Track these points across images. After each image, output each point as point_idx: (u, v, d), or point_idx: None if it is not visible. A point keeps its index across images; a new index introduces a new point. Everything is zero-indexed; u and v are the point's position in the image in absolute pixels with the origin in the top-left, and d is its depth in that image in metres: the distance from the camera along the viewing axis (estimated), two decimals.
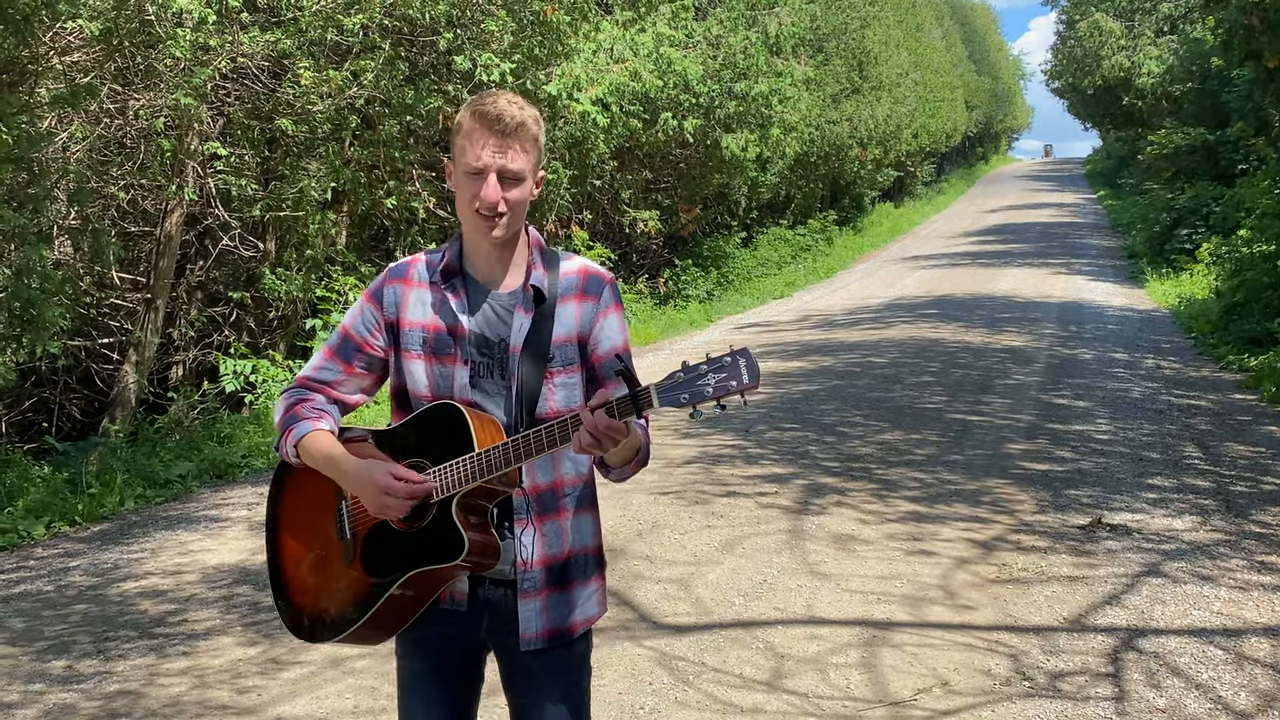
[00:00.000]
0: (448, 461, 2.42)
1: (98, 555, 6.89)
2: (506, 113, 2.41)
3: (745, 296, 22.54)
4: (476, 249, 2.54)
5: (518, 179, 2.44)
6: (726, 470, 8.50)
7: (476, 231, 2.48)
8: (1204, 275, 19.63)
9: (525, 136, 2.44)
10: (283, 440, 2.56)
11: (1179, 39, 29.66)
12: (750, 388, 2.27)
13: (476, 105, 2.44)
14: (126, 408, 11.33)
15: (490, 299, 2.53)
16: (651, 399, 2.29)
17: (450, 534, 2.39)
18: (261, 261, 12.98)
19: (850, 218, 35.46)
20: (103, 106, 10.26)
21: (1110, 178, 50.34)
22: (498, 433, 2.44)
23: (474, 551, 2.39)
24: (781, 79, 20.63)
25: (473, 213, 2.44)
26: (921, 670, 4.86)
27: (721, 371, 2.27)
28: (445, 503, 2.41)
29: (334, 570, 2.56)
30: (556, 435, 2.33)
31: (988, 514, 7.23)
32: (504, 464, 2.37)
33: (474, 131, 2.42)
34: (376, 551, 2.49)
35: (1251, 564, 6.22)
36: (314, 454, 2.52)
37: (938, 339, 15.46)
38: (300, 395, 2.61)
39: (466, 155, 2.43)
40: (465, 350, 2.51)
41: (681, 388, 2.28)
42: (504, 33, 12.61)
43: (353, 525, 2.53)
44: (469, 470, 2.38)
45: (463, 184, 2.45)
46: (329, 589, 2.57)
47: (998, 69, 74.52)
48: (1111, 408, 10.70)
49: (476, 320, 2.52)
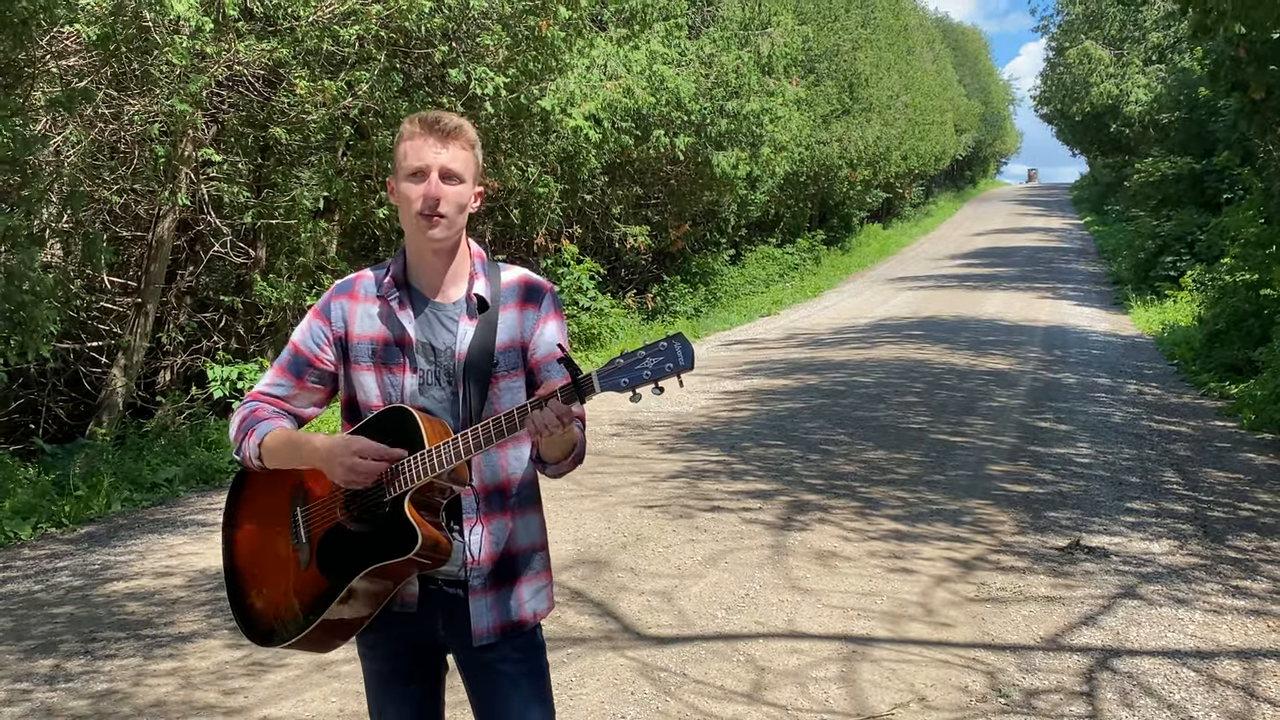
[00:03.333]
0: (400, 461, 2.49)
1: (85, 557, 6.93)
2: (445, 117, 2.55)
3: (732, 314, 22.65)
4: (421, 261, 2.63)
5: (458, 178, 2.55)
6: (711, 485, 8.57)
7: (419, 235, 2.56)
8: (1188, 302, 19.81)
9: (463, 139, 2.55)
10: (244, 443, 2.63)
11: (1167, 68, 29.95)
12: (685, 369, 2.37)
13: (415, 115, 2.57)
14: (114, 411, 11.35)
15: (435, 309, 2.63)
16: (594, 384, 2.39)
17: (404, 529, 2.46)
18: (252, 268, 13.03)
19: (838, 238, 35.65)
20: (98, 111, 10.32)
21: (1097, 204, 50.68)
22: (446, 434, 2.52)
23: (427, 545, 2.46)
24: (773, 99, 20.81)
25: (415, 216, 2.54)
26: (899, 685, 4.93)
27: (658, 355, 2.38)
28: (398, 500, 2.49)
29: (290, 574, 2.63)
30: (504, 427, 2.42)
31: (968, 534, 7.32)
32: (454, 458, 2.45)
33: (414, 135, 2.54)
34: (332, 553, 2.56)
35: (1226, 588, 6.31)
36: (278, 447, 2.59)
37: (923, 360, 15.57)
38: (254, 406, 2.68)
39: (408, 159, 2.54)
40: (413, 359, 2.60)
41: (621, 373, 2.39)
42: (499, 47, 12.70)
43: (308, 529, 2.61)
44: (422, 466, 2.46)
45: (405, 190, 2.55)
46: (285, 593, 2.63)
47: (988, 93, 74.97)
48: (1093, 432, 10.81)
49: (423, 330, 2.61)
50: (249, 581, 2.71)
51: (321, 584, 2.57)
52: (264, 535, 2.70)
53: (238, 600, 2.72)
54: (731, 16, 21.10)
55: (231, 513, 2.78)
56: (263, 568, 2.68)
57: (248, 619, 2.70)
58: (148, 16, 9.48)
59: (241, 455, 2.65)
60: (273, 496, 2.68)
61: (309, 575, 2.59)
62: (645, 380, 2.38)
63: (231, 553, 2.76)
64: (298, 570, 2.61)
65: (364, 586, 2.55)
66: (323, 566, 2.57)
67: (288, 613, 2.62)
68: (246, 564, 2.72)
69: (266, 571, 2.68)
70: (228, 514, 2.78)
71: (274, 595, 2.66)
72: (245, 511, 2.75)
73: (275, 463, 2.61)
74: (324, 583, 2.56)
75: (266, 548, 2.68)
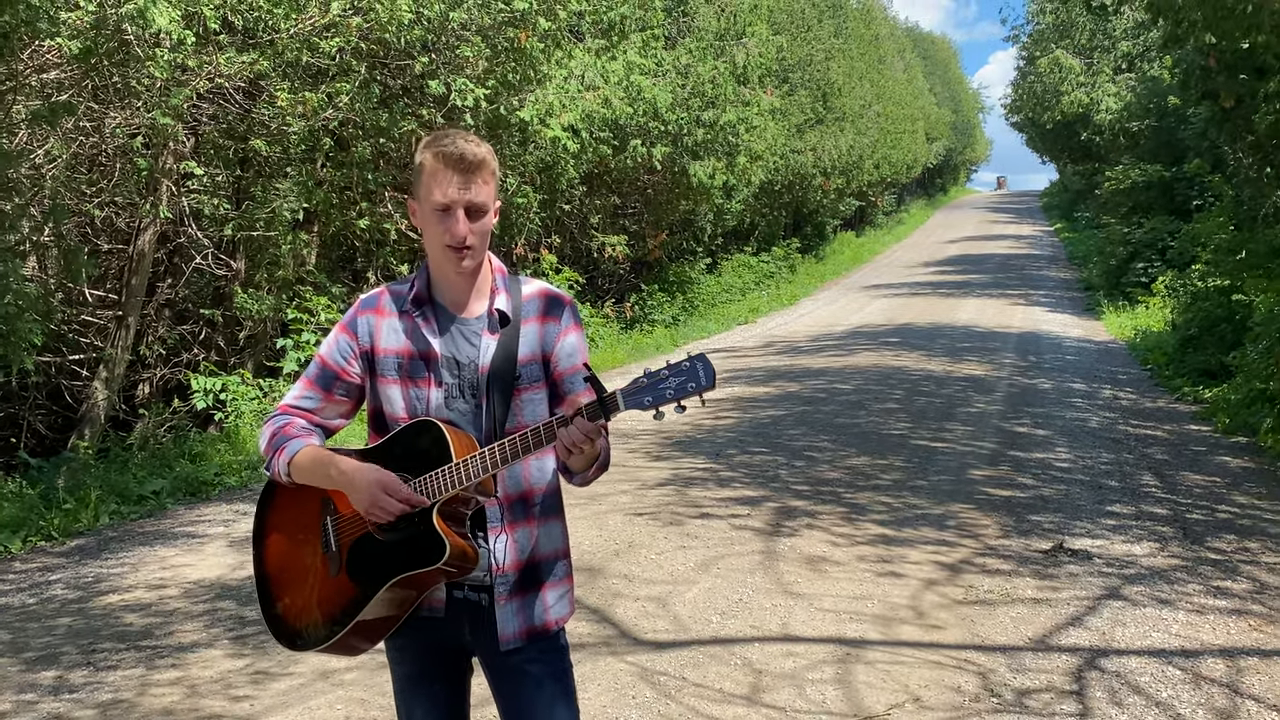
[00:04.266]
0: (428, 473, 2.58)
1: (78, 570, 6.95)
2: (468, 151, 2.59)
3: (710, 322, 22.77)
4: (444, 279, 2.71)
5: (482, 211, 2.62)
6: (699, 492, 8.65)
7: (447, 264, 2.65)
8: (1160, 308, 20.05)
9: (486, 170, 2.62)
10: (274, 460, 2.71)
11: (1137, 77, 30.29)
12: (707, 389, 2.47)
13: (437, 147, 2.61)
14: (95, 424, 11.33)
15: (459, 324, 2.71)
16: (618, 403, 2.47)
17: (433, 540, 2.55)
18: (232, 280, 13.03)
19: (813, 246, 35.87)
20: (79, 124, 10.32)
21: (1067, 210, 51.14)
22: (473, 446, 2.60)
23: (454, 555, 2.55)
24: (748, 108, 20.96)
25: (443, 248, 2.62)
26: (894, 686, 5.03)
27: (680, 375, 2.47)
28: (426, 512, 2.57)
29: (320, 581, 2.71)
30: (530, 442, 2.51)
31: (954, 538, 7.43)
32: (481, 471, 2.53)
33: (438, 171, 2.59)
34: (361, 561, 2.65)
35: (1208, 588, 6.44)
36: (308, 465, 2.67)
37: (900, 366, 15.72)
38: (285, 421, 2.77)
39: (434, 195, 2.59)
40: (438, 373, 2.68)
41: (644, 391, 2.48)
42: (479, 59, 12.76)
43: (338, 538, 2.69)
44: (450, 479, 2.55)
45: (431, 220, 2.61)
46: (316, 599, 2.71)
47: (958, 101, 75.55)
48: (1071, 436, 10.96)
49: (447, 344, 2.70)
50: (278, 588, 2.78)
51: (351, 591, 2.64)
52: (294, 544, 2.77)
53: (268, 606, 2.80)
54: (707, 27, 21.23)
55: (261, 522, 2.85)
56: (292, 575, 2.76)
57: (277, 624, 2.78)
58: (129, 30, 9.49)
59: (271, 471, 2.73)
60: (302, 507, 2.76)
61: (339, 583, 2.67)
62: (669, 399, 2.47)
63: (262, 560, 2.83)
64: (327, 578, 2.69)
65: (392, 594, 2.62)
66: (352, 574, 2.65)
67: (317, 618, 2.70)
68: (276, 571, 2.80)
69: (296, 578, 2.75)
70: (258, 523, 2.85)
71: (303, 601, 2.73)
72: (275, 520, 2.82)
73: (304, 480, 2.69)
74: (353, 590, 2.64)
75: (296, 556, 2.76)
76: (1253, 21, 10.37)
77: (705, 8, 21.69)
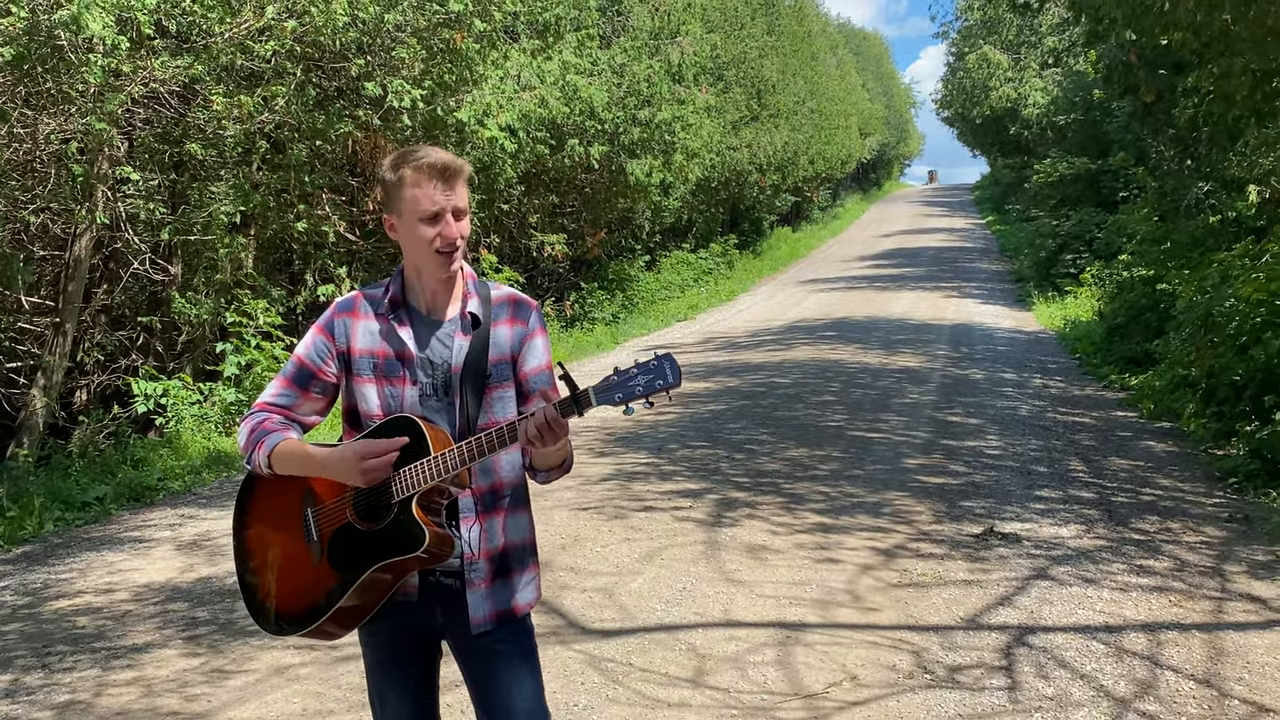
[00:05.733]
0: (406, 466, 2.73)
1: (25, 576, 6.97)
2: (449, 160, 2.79)
3: (650, 319, 22.96)
4: (421, 284, 2.88)
5: (465, 213, 2.82)
6: (642, 486, 8.82)
7: (436, 268, 2.81)
8: (1088, 298, 20.54)
9: (464, 176, 2.81)
10: (254, 453, 2.85)
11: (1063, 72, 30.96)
12: (674, 386, 2.67)
13: (416, 161, 2.78)
14: (34, 433, 11.26)
15: (433, 326, 2.88)
16: (590, 399, 2.66)
17: (412, 528, 2.71)
18: (170, 285, 12.99)
19: (750, 242, 36.19)
20: (13, 130, 10.26)
21: (998, 203, 51.95)
22: (448, 441, 2.77)
23: (433, 543, 2.71)
24: (684, 107, 21.15)
25: (433, 253, 2.78)
26: (832, 666, 5.23)
27: (649, 373, 2.67)
28: (405, 502, 2.73)
29: (302, 570, 2.86)
30: (506, 436, 2.68)
31: (889, 524, 7.66)
32: (458, 464, 2.70)
33: (421, 181, 2.76)
34: (342, 550, 2.80)
35: (1131, 567, 6.71)
36: (288, 457, 2.82)
37: (837, 360, 16.00)
38: (263, 417, 2.91)
39: (421, 204, 2.76)
40: (413, 372, 2.85)
41: (615, 388, 2.67)
42: (414, 60, 12.81)
43: (319, 528, 2.84)
44: (429, 471, 2.71)
45: (418, 229, 2.78)
46: (298, 587, 2.86)
47: (890, 96, 76.36)
48: (1001, 425, 11.27)
49: (422, 346, 2.86)
50: (263, 578, 2.92)
51: (333, 578, 2.79)
52: (275, 534, 2.92)
53: (251, 595, 2.94)
54: (642, 26, 21.41)
55: (242, 515, 2.99)
56: (276, 565, 2.91)
57: (262, 611, 2.92)
58: (62, 36, 9.47)
59: (252, 464, 2.86)
60: (284, 499, 2.90)
61: (320, 571, 2.82)
62: (638, 395, 2.66)
63: (244, 551, 2.97)
64: (310, 566, 2.83)
65: (372, 580, 2.77)
66: (334, 562, 2.80)
67: (300, 605, 2.84)
68: (260, 562, 2.94)
69: (280, 568, 2.90)
70: (238, 516, 2.99)
71: (286, 589, 2.88)
72: (256, 513, 2.96)
73: (285, 471, 2.83)
74: (335, 577, 2.79)
75: (278, 546, 2.90)
76: (1169, 19, 10.72)
77: (639, 7, 21.87)
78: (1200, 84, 12.50)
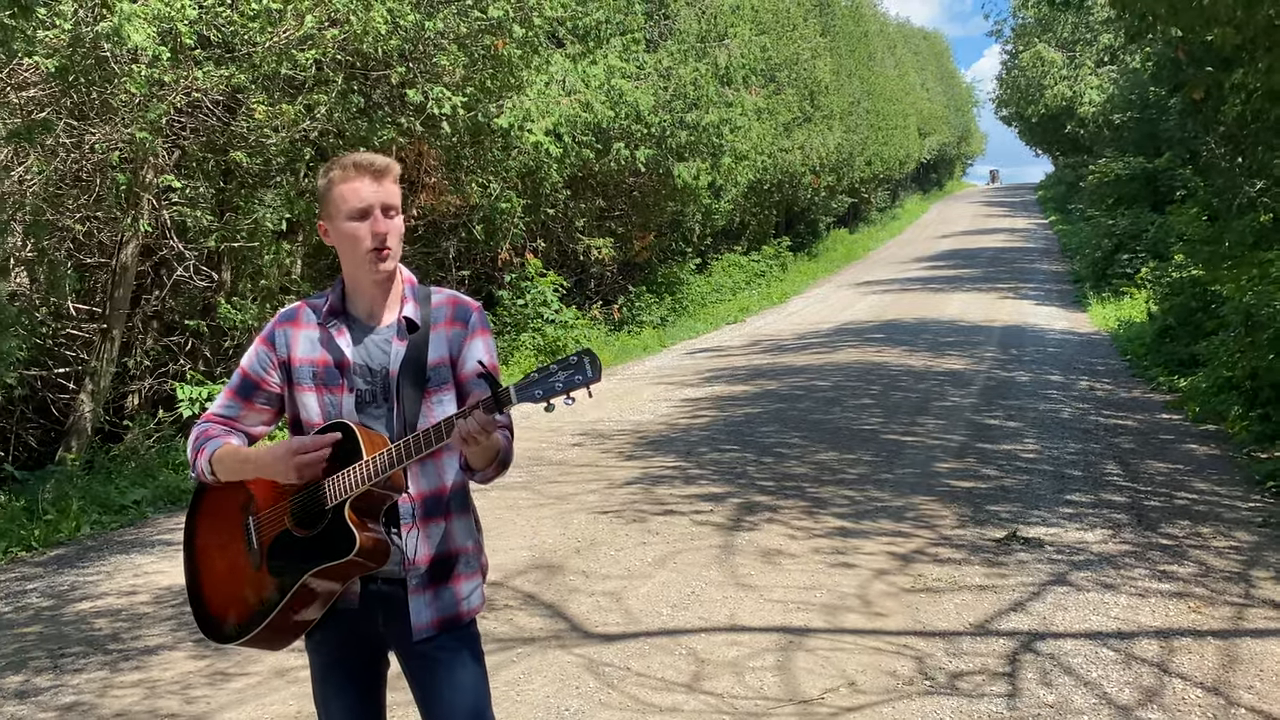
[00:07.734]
0: (341, 471, 2.76)
1: (54, 578, 7.13)
2: (376, 158, 2.83)
3: (699, 322, 22.94)
4: (358, 290, 2.91)
5: (396, 210, 2.84)
6: (666, 490, 8.83)
7: (369, 270, 2.83)
8: (1142, 299, 20.21)
9: (393, 174, 2.84)
10: (197, 460, 2.90)
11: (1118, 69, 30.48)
12: (593, 381, 2.64)
13: (342, 162, 2.83)
14: (83, 436, 11.52)
15: (371, 333, 2.90)
16: (510, 396, 2.65)
17: (343, 534, 2.73)
18: (217, 291, 13.22)
19: (805, 244, 36.04)
20: (59, 140, 10.50)
21: (1061, 203, 51.19)
22: (384, 445, 2.78)
23: (364, 549, 2.72)
24: (732, 109, 21.12)
25: (365, 253, 2.81)
26: (831, 672, 5.20)
27: (568, 369, 2.65)
28: (339, 507, 2.75)
29: (243, 577, 2.89)
30: (434, 437, 2.69)
31: (910, 529, 7.60)
32: (388, 466, 2.71)
33: (349, 179, 2.80)
34: (280, 557, 2.83)
35: (1153, 573, 6.60)
36: (228, 461, 2.86)
37: (882, 362, 15.88)
38: (206, 427, 2.96)
39: (349, 201, 2.79)
40: (351, 380, 2.87)
41: (535, 385, 2.66)
42: (456, 67, 12.93)
43: (259, 535, 2.87)
44: (360, 475, 2.73)
45: (349, 230, 2.81)
46: (240, 594, 2.90)
47: (952, 96, 75.66)
48: (1041, 428, 11.13)
49: (360, 352, 2.89)
50: (207, 586, 2.97)
51: (271, 585, 2.83)
52: (220, 543, 2.96)
53: (198, 603, 2.99)
54: (688, 30, 21.41)
55: (191, 526, 3.04)
56: (220, 573, 2.94)
57: (207, 620, 2.96)
58: (106, 47, 9.68)
59: (196, 471, 2.91)
60: (227, 508, 2.94)
61: (260, 577, 2.85)
62: (558, 392, 2.64)
63: (192, 561, 3.01)
64: (251, 573, 2.87)
65: (311, 587, 2.80)
66: (273, 569, 2.83)
67: (242, 612, 2.88)
68: (205, 570, 2.98)
69: (223, 576, 2.94)
70: (188, 527, 3.04)
71: (230, 597, 2.91)
72: (203, 524, 3.01)
73: (226, 475, 2.87)
74: (274, 584, 2.82)
75: (222, 555, 2.94)
76: (1210, 13, 10.53)
77: (686, 10, 21.86)
78: (1248, 80, 12.25)
